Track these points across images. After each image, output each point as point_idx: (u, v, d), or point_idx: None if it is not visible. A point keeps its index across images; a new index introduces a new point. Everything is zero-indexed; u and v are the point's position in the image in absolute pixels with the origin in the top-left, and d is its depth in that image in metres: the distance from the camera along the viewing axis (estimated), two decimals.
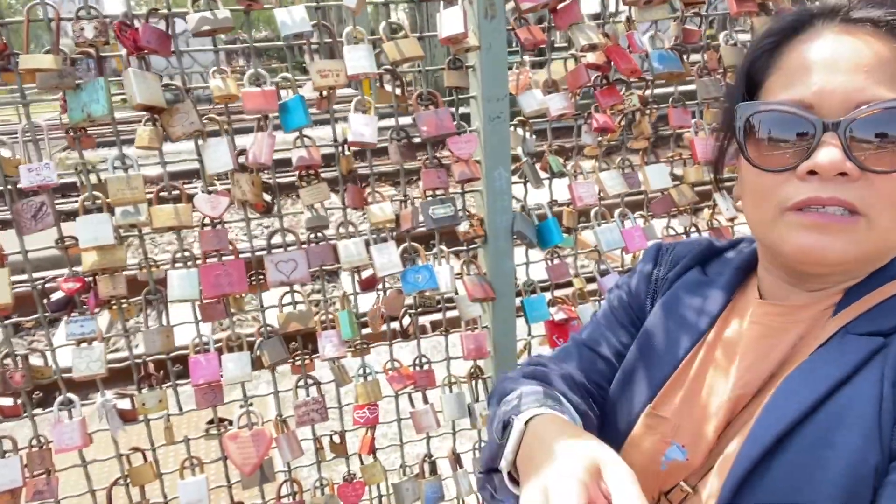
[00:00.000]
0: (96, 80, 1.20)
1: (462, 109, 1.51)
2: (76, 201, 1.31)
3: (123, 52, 1.24)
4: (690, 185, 1.73)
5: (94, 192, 1.30)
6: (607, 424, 0.83)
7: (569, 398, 0.78)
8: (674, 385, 0.77)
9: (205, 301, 1.42)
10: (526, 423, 0.68)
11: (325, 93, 1.38)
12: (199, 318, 1.44)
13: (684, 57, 1.60)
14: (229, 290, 1.40)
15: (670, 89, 1.67)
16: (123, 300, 1.37)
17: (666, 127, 1.70)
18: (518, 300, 1.67)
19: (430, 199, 1.51)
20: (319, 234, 1.48)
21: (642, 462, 0.75)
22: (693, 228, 1.78)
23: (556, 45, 1.50)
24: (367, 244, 1.48)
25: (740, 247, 0.86)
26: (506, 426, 0.71)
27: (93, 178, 1.33)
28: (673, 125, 1.66)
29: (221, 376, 1.45)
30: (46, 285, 1.34)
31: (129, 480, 1.48)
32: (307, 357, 1.57)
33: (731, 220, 1.78)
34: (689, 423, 0.74)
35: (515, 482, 0.68)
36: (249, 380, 1.48)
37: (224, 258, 1.42)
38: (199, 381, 1.43)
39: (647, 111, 1.63)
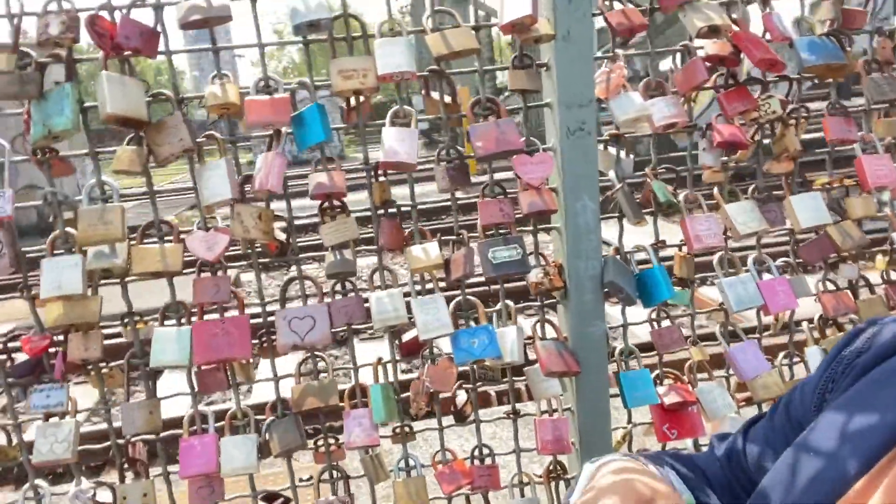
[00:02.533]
0: (62, 87, 0.96)
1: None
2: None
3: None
4: (857, 222, 1.25)
5: (67, 229, 1.04)
6: None
7: (678, 471, 0.66)
8: None
9: (202, 368, 1.12)
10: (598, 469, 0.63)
11: (353, 101, 1.08)
12: (196, 388, 1.14)
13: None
14: (228, 354, 1.09)
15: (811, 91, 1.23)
16: (101, 365, 1.10)
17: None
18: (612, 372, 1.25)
19: (489, 238, 1.15)
20: (346, 285, 1.15)
21: None
22: (862, 283, 1.29)
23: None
24: (407, 297, 1.14)
25: None
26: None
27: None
28: (830, 139, 1.21)
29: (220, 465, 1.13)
30: (10, 343, 1.09)
31: None
32: (333, 441, 1.22)
33: None
34: None
35: None
36: (255, 471, 1.15)
37: (226, 313, 1.12)
38: (191, 472, 1.12)
39: (793, 120, 1.20)
